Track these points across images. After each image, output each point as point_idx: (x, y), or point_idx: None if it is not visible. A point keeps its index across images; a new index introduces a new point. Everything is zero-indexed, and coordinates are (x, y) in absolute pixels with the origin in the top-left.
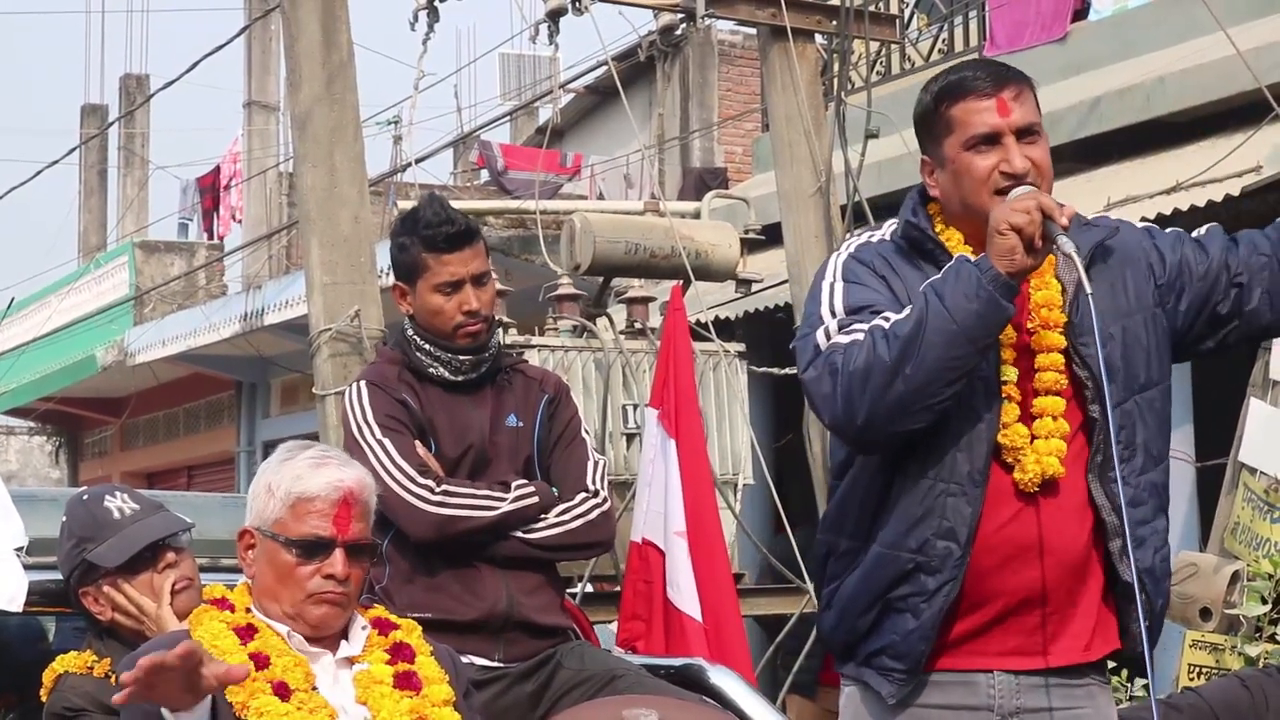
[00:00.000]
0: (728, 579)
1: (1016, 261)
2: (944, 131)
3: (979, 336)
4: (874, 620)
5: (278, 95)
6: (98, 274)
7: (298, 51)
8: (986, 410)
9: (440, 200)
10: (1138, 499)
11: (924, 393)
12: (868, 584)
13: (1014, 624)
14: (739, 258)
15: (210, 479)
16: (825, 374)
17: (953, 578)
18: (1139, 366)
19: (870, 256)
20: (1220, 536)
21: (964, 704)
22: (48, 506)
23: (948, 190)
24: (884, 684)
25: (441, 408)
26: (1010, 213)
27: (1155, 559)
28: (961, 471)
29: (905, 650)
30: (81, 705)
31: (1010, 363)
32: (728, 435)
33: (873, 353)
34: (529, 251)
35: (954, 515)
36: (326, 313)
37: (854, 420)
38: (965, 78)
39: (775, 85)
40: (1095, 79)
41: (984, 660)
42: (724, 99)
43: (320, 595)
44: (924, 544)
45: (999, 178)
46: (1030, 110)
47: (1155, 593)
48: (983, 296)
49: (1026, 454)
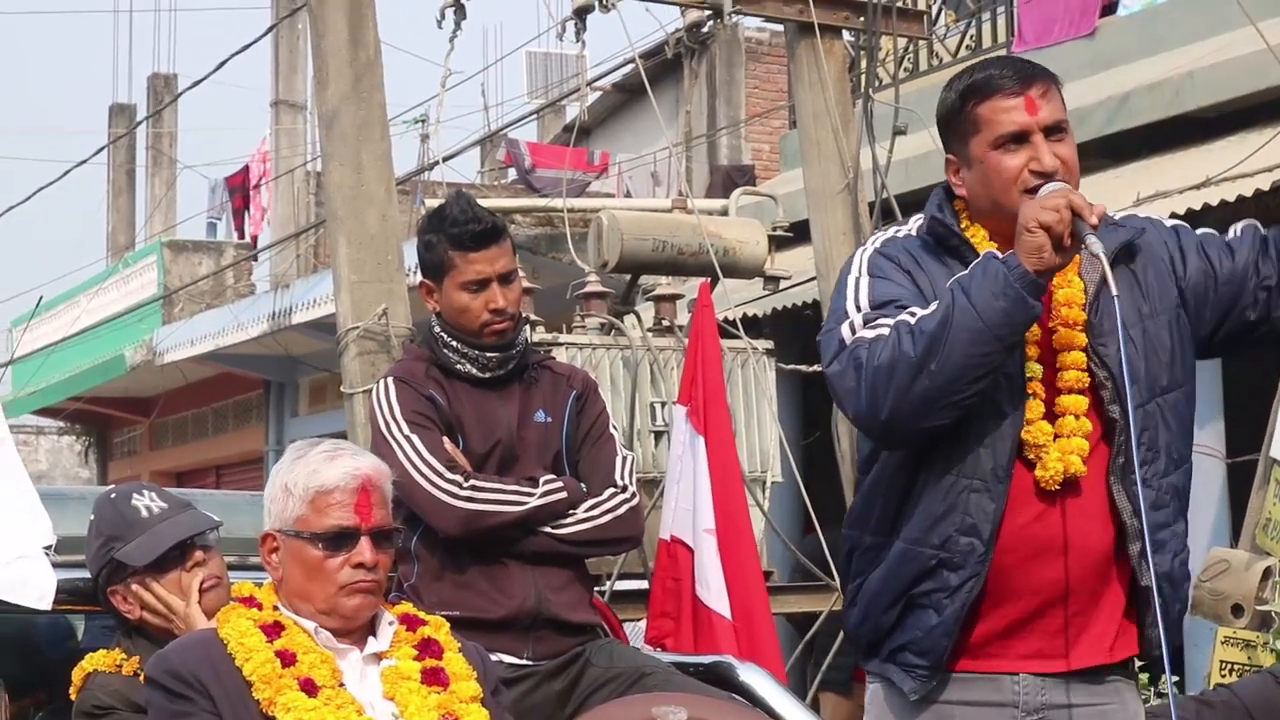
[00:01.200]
0: (758, 576)
1: (1045, 260)
2: (971, 130)
3: (1005, 334)
4: (897, 616)
5: (305, 94)
6: (126, 274)
7: (324, 50)
8: (1011, 407)
9: (467, 198)
10: (1159, 502)
11: (949, 389)
12: (891, 580)
13: (1038, 625)
14: (766, 255)
15: (239, 478)
16: (850, 369)
17: (975, 574)
18: (1160, 369)
19: (896, 252)
20: (1252, 533)
21: (988, 700)
22: (76, 505)
23: (975, 189)
24: (907, 680)
25: (469, 404)
26: (1040, 210)
27: (1174, 563)
28: (985, 468)
29: (928, 646)
30: (110, 703)
31: (1035, 359)
32: (756, 433)
33: (898, 348)
34: (556, 249)
35: (977, 511)
36: (354, 311)
37: (878, 416)
38: (991, 76)
39: (803, 82)
40: (1124, 74)
41: (1008, 663)
42: (751, 96)
43: (352, 586)
44: (946, 540)
45: (1028, 176)
46: (1057, 107)
47: (1173, 598)
48: (1010, 294)
49: (1049, 451)
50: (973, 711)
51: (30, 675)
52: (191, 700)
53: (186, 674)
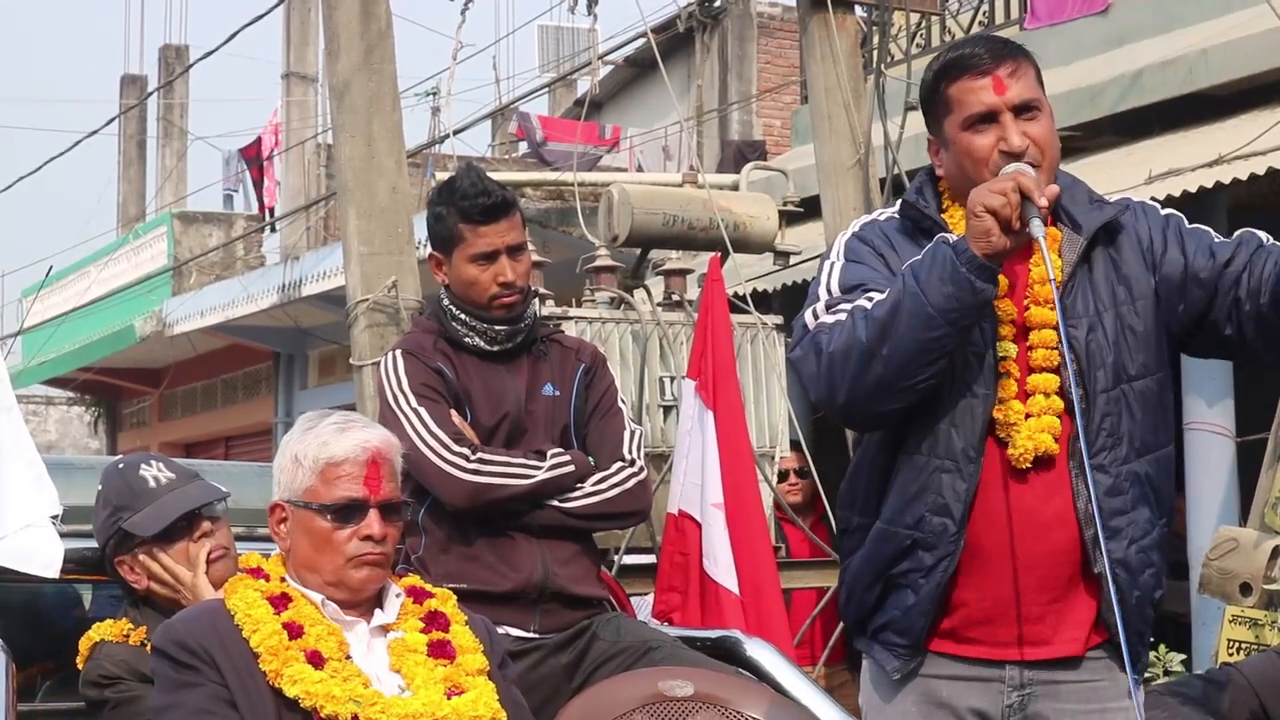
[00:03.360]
0: (767, 551)
1: (993, 243)
2: (944, 111)
3: (955, 319)
4: (879, 596)
5: (316, 66)
6: (136, 244)
7: (336, 21)
8: (982, 387)
9: (477, 170)
10: (1116, 488)
11: (902, 374)
12: (871, 560)
13: (1019, 610)
14: (777, 230)
15: (248, 450)
16: (810, 354)
17: (949, 553)
18: (1128, 355)
19: (873, 235)
20: (1261, 511)
21: (974, 675)
22: (84, 474)
23: (951, 170)
24: (889, 659)
25: (477, 376)
26: (986, 194)
27: (1130, 550)
28: (956, 448)
29: (907, 625)
30: (117, 673)
31: (1009, 339)
32: (765, 408)
33: (852, 334)
34: (567, 223)
35: (948, 491)
36: (364, 283)
37: (835, 401)
38: (963, 55)
39: (814, 57)
40: (1137, 51)
41: (990, 650)
42: (763, 71)
43: (360, 558)
44: (920, 520)
45: (999, 157)
46: (1028, 86)
47: (1129, 585)
48: (957, 279)
49: (1020, 429)
50: (959, 685)
51: (38, 644)
52: (198, 671)
53: (193, 644)
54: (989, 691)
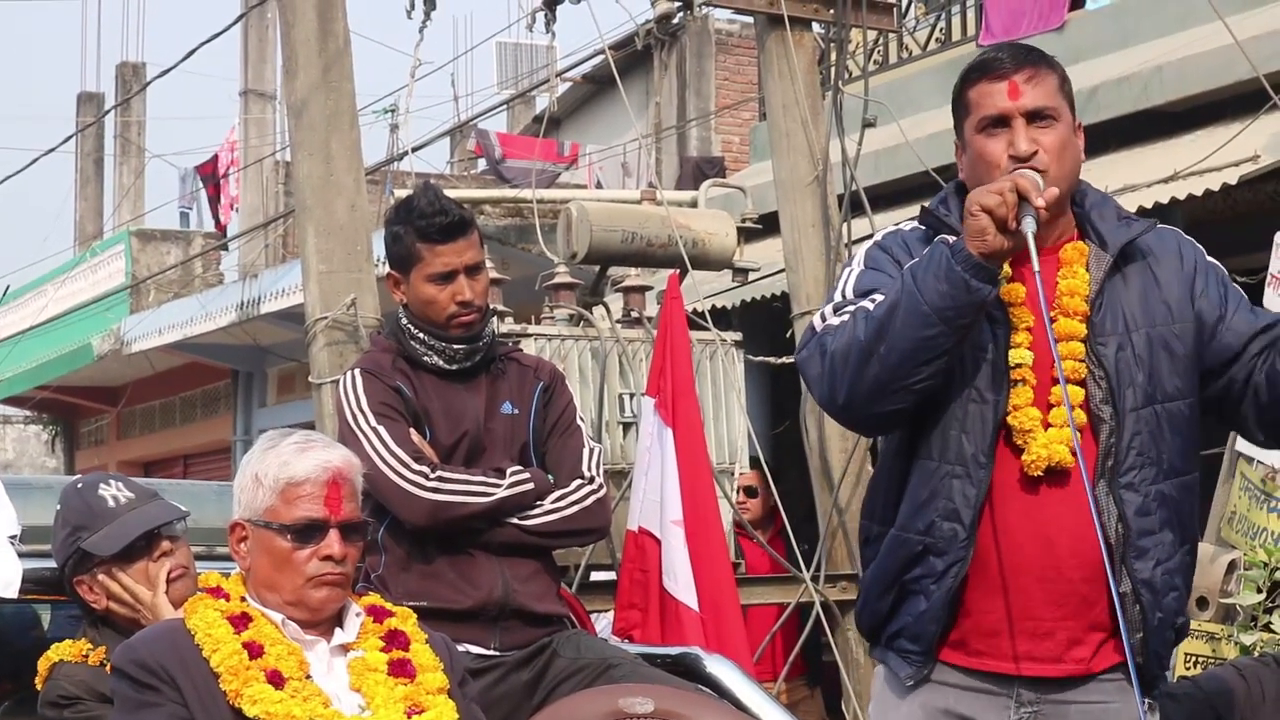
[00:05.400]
0: (726, 568)
1: (989, 243)
2: (964, 113)
3: (951, 317)
4: (892, 603)
5: (274, 83)
6: (94, 262)
7: (294, 39)
8: (993, 393)
9: (435, 190)
10: (1145, 508)
11: (899, 373)
12: (885, 567)
13: (1030, 625)
14: (735, 246)
15: (206, 468)
16: (816, 355)
17: (959, 559)
18: (1165, 376)
19: (893, 243)
20: (1217, 526)
21: (982, 688)
22: (42, 494)
23: (968, 173)
24: (903, 665)
25: (436, 395)
26: (983, 194)
27: (1155, 571)
28: (966, 453)
29: (919, 632)
30: (76, 694)
31: (1025, 346)
32: (725, 424)
33: (852, 334)
34: (526, 240)
35: (958, 497)
36: (323, 301)
37: (836, 400)
38: (988, 59)
39: (772, 74)
40: (1093, 68)
41: (1001, 664)
42: (721, 88)
43: (319, 578)
44: (930, 526)
45: (1009, 162)
46: (1045, 94)
47: (1152, 606)
48: (952, 277)
49: (1036, 437)
50: (968, 696)
51: None
52: (158, 691)
53: (153, 664)
54: (995, 706)
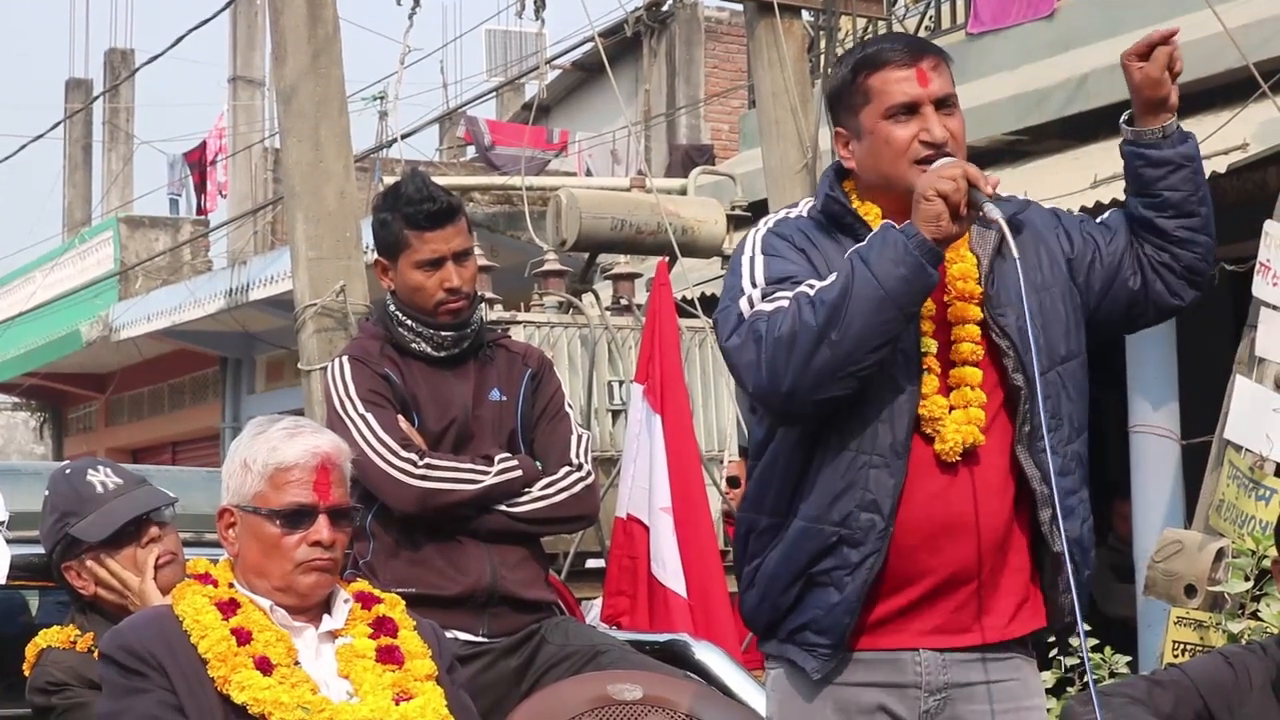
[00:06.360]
0: (714, 555)
1: (942, 228)
2: (862, 102)
3: (905, 303)
4: (797, 596)
5: (263, 70)
6: (82, 249)
7: (283, 26)
8: (908, 382)
9: (423, 176)
10: (1065, 469)
11: (850, 359)
12: (790, 559)
13: (940, 601)
14: (725, 234)
15: (195, 455)
16: (749, 341)
17: (876, 550)
18: (1058, 338)
19: (790, 231)
20: (1205, 514)
21: (890, 681)
22: (30, 480)
23: (865, 161)
24: (809, 660)
25: (424, 382)
26: (937, 179)
27: (1083, 529)
28: (884, 443)
29: (829, 624)
30: (64, 680)
31: (930, 335)
32: (713, 412)
33: (799, 319)
34: (515, 228)
35: (876, 487)
36: (311, 288)
37: (779, 388)
38: (883, 49)
39: (761, 62)
40: (1083, 55)
41: (909, 638)
42: (710, 76)
43: (308, 563)
44: (847, 516)
45: (918, 147)
46: (947, 82)
47: (1083, 562)
48: (909, 261)
49: (945, 424)
50: (876, 692)
51: None
52: (146, 677)
53: (141, 650)
54: (905, 698)
